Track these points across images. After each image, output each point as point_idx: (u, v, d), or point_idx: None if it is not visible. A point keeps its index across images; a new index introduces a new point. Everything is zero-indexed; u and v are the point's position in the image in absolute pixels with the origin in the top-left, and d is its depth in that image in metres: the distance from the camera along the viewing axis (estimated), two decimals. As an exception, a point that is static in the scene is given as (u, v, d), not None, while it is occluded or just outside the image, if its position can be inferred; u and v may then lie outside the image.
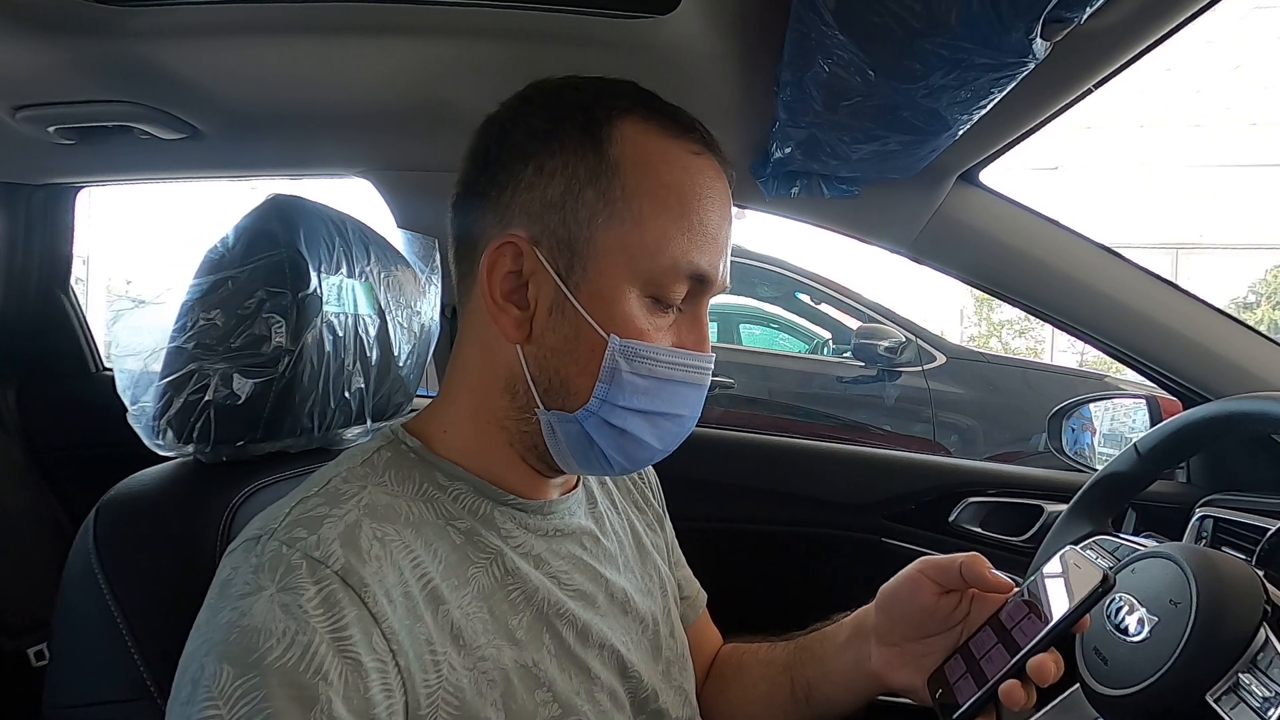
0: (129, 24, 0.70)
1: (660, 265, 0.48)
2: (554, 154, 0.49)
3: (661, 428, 0.51)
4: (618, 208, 0.48)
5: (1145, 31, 0.59)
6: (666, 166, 0.49)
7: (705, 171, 0.51)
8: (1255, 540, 0.75)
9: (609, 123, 0.49)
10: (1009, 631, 0.48)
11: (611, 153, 0.49)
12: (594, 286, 0.49)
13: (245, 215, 0.64)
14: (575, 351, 0.49)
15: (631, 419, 0.50)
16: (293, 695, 0.38)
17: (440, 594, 0.46)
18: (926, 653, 0.53)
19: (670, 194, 0.49)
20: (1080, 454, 1.16)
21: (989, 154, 0.86)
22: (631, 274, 0.48)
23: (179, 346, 0.61)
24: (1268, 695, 0.51)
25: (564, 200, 0.48)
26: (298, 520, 0.45)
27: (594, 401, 0.49)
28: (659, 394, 0.50)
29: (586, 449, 0.51)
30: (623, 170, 0.48)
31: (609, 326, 0.48)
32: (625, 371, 0.48)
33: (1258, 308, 7.14)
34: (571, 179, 0.49)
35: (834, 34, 0.56)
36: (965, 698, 0.47)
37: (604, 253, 0.48)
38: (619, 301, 0.48)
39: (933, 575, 0.53)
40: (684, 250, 0.49)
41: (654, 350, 0.49)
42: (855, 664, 0.58)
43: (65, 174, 1.22)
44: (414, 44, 0.75)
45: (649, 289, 0.49)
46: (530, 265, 0.49)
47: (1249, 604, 0.56)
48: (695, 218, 0.49)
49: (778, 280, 3.23)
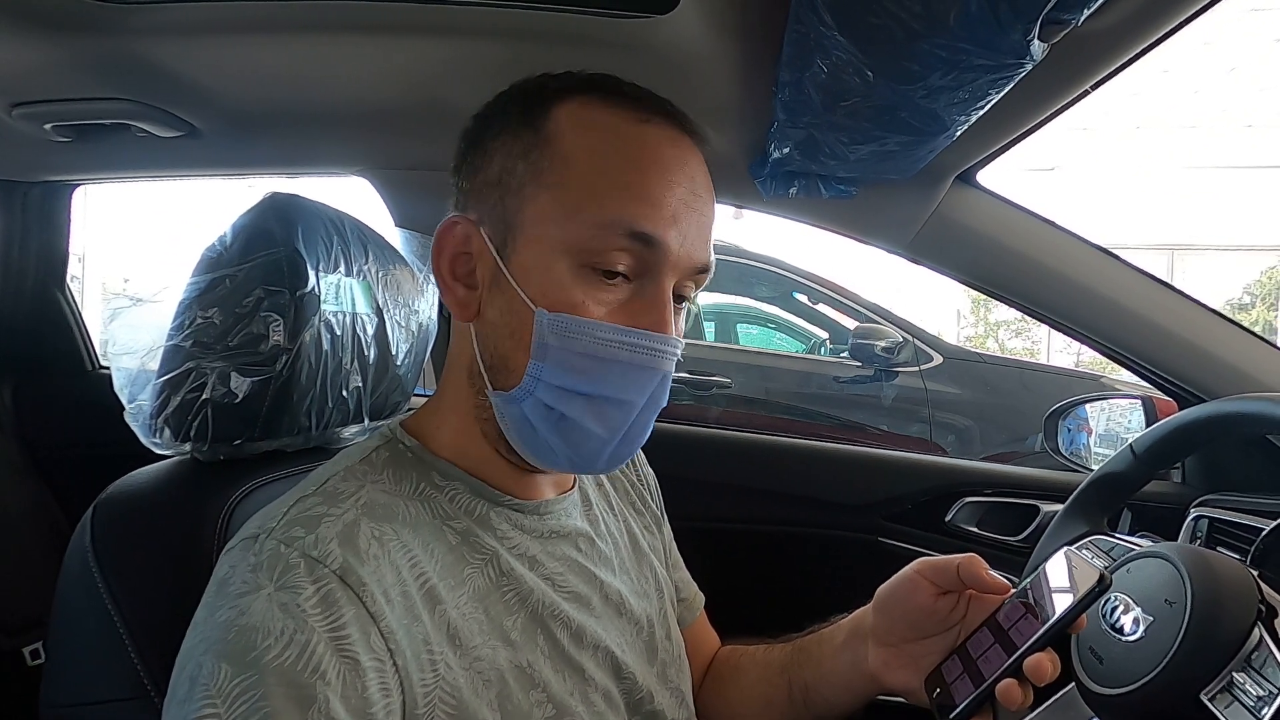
0: (127, 21, 0.70)
1: (589, 227, 0.46)
2: (495, 135, 0.50)
3: (605, 413, 0.48)
4: (546, 177, 0.48)
5: (1142, 33, 0.60)
6: (602, 134, 0.48)
7: (650, 136, 0.49)
8: (1250, 540, 0.75)
9: (549, 101, 0.50)
10: (1006, 632, 0.48)
11: (547, 128, 0.49)
12: (524, 259, 0.48)
13: (243, 214, 0.64)
14: (511, 326, 0.48)
15: (570, 401, 0.47)
16: (290, 694, 0.38)
17: (437, 594, 0.46)
18: (924, 654, 0.53)
19: (603, 157, 0.48)
20: (1076, 454, 1.16)
21: (986, 155, 0.87)
22: (561, 242, 0.47)
23: (176, 345, 0.61)
24: (1261, 694, 0.51)
25: (500, 176, 0.49)
26: (296, 519, 0.45)
27: (528, 380, 0.47)
28: (598, 375, 0.47)
29: (531, 435, 0.49)
30: (555, 141, 0.48)
31: (539, 300, 0.47)
32: (557, 348, 0.47)
33: (1253, 309, 7.17)
34: (507, 156, 0.49)
35: (833, 35, 0.56)
36: (962, 698, 0.47)
37: (533, 223, 0.48)
38: (548, 271, 0.47)
39: (930, 576, 0.53)
40: (618, 209, 0.46)
41: (588, 326, 0.46)
42: (852, 665, 0.58)
43: (62, 171, 1.22)
44: (412, 43, 0.75)
45: (583, 258, 0.47)
46: (478, 245, 0.50)
47: (1243, 603, 0.56)
48: (633, 178, 0.47)
49: (775, 280, 3.23)
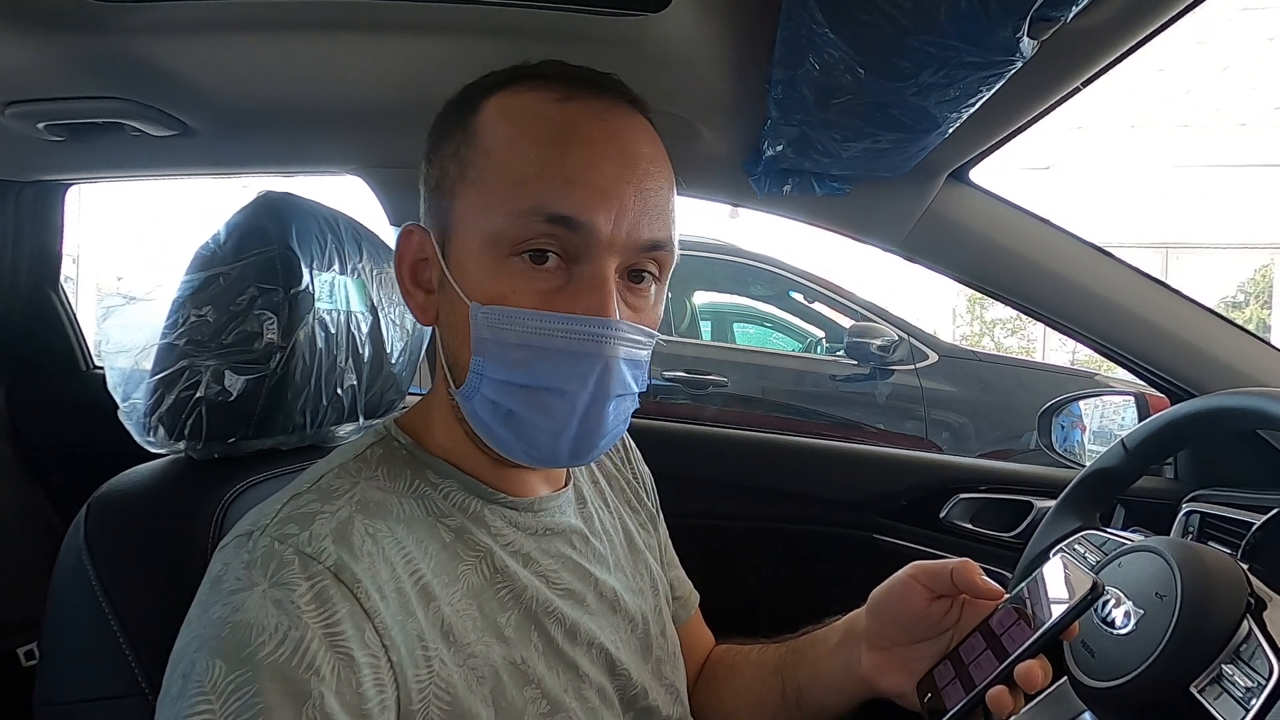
0: (120, 20, 0.70)
1: (507, 216, 0.45)
2: (436, 143, 0.51)
3: (547, 404, 0.47)
4: (469, 171, 0.48)
5: (1131, 30, 0.60)
6: (521, 120, 0.47)
7: (572, 114, 0.47)
8: (1241, 535, 0.76)
9: (479, 99, 0.50)
10: (998, 638, 0.48)
11: (474, 124, 0.49)
12: (458, 255, 0.48)
13: (236, 212, 0.64)
14: (455, 324, 0.49)
15: (513, 395, 0.47)
16: (285, 690, 0.38)
17: (431, 590, 0.46)
18: (917, 658, 0.53)
19: (521, 144, 0.47)
20: (1070, 451, 1.16)
21: (978, 152, 0.87)
22: (485, 233, 0.46)
23: (170, 343, 0.61)
24: (1250, 685, 0.51)
25: (439, 180, 0.50)
26: (290, 516, 0.45)
27: (473, 376, 0.48)
28: (535, 365, 0.46)
29: (489, 430, 0.49)
30: (479, 135, 0.48)
31: (473, 294, 0.47)
32: (493, 341, 0.46)
33: (1246, 307, 7.20)
34: (443, 159, 0.50)
35: (824, 32, 0.56)
36: (953, 703, 0.47)
37: (461, 218, 0.48)
38: (478, 264, 0.47)
39: (924, 580, 0.52)
40: (535, 194, 0.45)
41: (518, 315, 0.45)
42: (845, 667, 0.58)
43: (55, 171, 1.21)
44: (406, 41, 0.75)
45: (507, 247, 0.46)
46: (430, 249, 0.51)
47: (1232, 596, 0.57)
48: (550, 160, 0.46)
49: (771, 279, 3.24)
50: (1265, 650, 0.52)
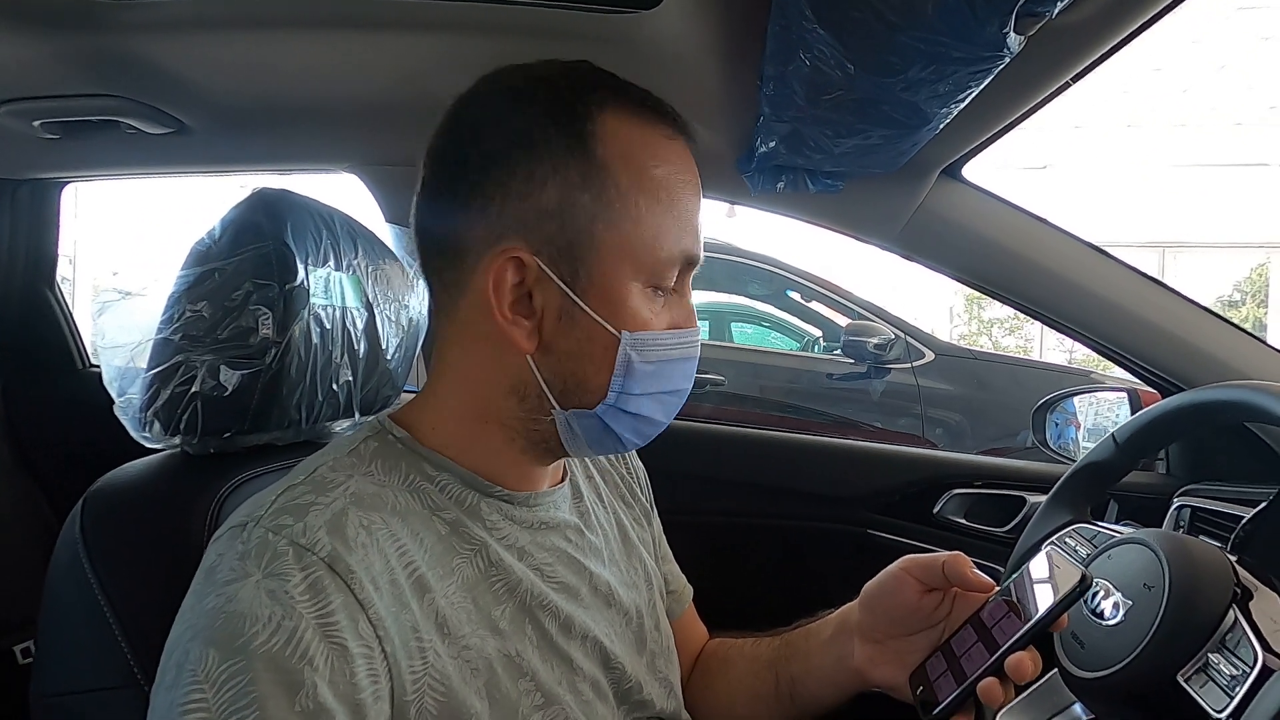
0: (115, 18, 0.70)
1: (659, 257, 0.50)
2: (541, 160, 0.48)
3: (667, 404, 0.54)
4: (615, 209, 0.49)
5: (1117, 26, 0.61)
6: (651, 158, 0.50)
7: (682, 157, 0.52)
8: (1230, 528, 0.77)
9: (590, 119, 0.49)
10: (989, 630, 0.49)
11: (598, 152, 0.49)
12: (600, 288, 0.49)
13: (232, 208, 0.64)
14: (589, 353, 0.50)
15: (644, 403, 0.52)
16: (278, 680, 0.38)
17: (426, 583, 0.47)
18: (909, 650, 0.54)
19: (659, 187, 0.50)
20: (1064, 448, 1.17)
21: (970, 148, 0.87)
22: (635, 270, 0.50)
23: (166, 338, 0.61)
24: (1235, 673, 0.52)
25: (560, 208, 0.48)
26: (284, 508, 0.45)
27: (611, 395, 0.51)
28: (664, 374, 0.52)
29: (603, 436, 0.53)
30: (612, 169, 0.49)
31: (619, 324, 0.49)
32: (637, 362, 0.50)
33: (1243, 306, 7.22)
34: (564, 185, 0.48)
35: (814, 28, 0.57)
36: (945, 695, 0.48)
37: (607, 253, 0.49)
38: (626, 299, 0.50)
39: (916, 574, 0.54)
40: (676, 239, 0.51)
41: (658, 337, 0.51)
42: (838, 660, 0.59)
43: (50, 169, 1.22)
44: (400, 38, 0.76)
45: (650, 280, 0.50)
46: (534, 275, 0.49)
47: (1219, 586, 0.57)
48: (680, 206, 0.51)
49: (769, 278, 3.25)
50: (1250, 639, 0.53)
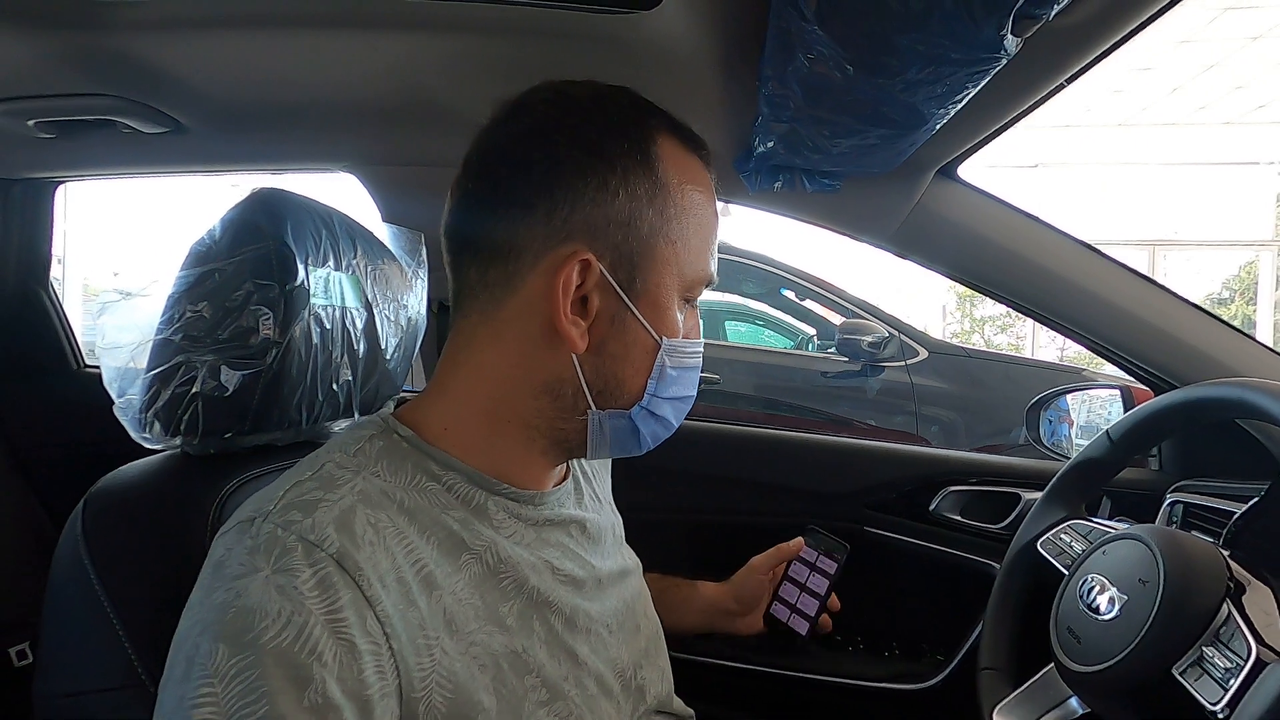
0: (111, 16, 0.70)
1: (697, 273, 0.55)
2: (614, 171, 0.51)
3: (680, 409, 0.58)
4: (672, 226, 0.53)
5: (1114, 27, 0.61)
6: (693, 182, 0.54)
7: (710, 182, 0.57)
8: (1222, 524, 0.78)
9: (653, 140, 0.53)
10: (804, 584, 0.85)
11: (660, 171, 0.52)
12: (651, 297, 0.53)
13: (231, 208, 0.64)
14: (633, 356, 0.53)
15: (667, 406, 0.56)
16: (288, 675, 0.39)
17: (434, 580, 0.47)
18: (758, 610, 0.86)
19: (700, 210, 0.54)
20: (1058, 445, 1.18)
21: (966, 149, 0.88)
22: (679, 283, 0.54)
23: (166, 339, 0.61)
24: (1229, 666, 0.53)
25: (630, 218, 0.51)
26: (293, 503, 0.45)
27: (645, 398, 0.54)
28: (684, 381, 0.56)
29: (628, 438, 0.56)
30: (670, 189, 0.53)
31: (661, 331, 0.53)
32: (669, 367, 0.54)
33: (1232, 303, 7.28)
34: (633, 198, 0.51)
35: (813, 29, 0.57)
36: (804, 628, 0.83)
37: (661, 265, 0.52)
38: (670, 308, 0.54)
39: (765, 569, 0.86)
40: (708, 258, 0.56)
41: (686, 345, 0.55)
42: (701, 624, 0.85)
43: (45, 168, 1.21)
44: (398, 38, 0.76)
45: (685, 294, 0.55)
46: (594, 279, 0.50)
47: (1213, 580, 0.58)
48: (710, 228, 0.56)
49: (763, 277, 3.26)
50: (1243, 632, 0.54)
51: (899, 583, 1.15)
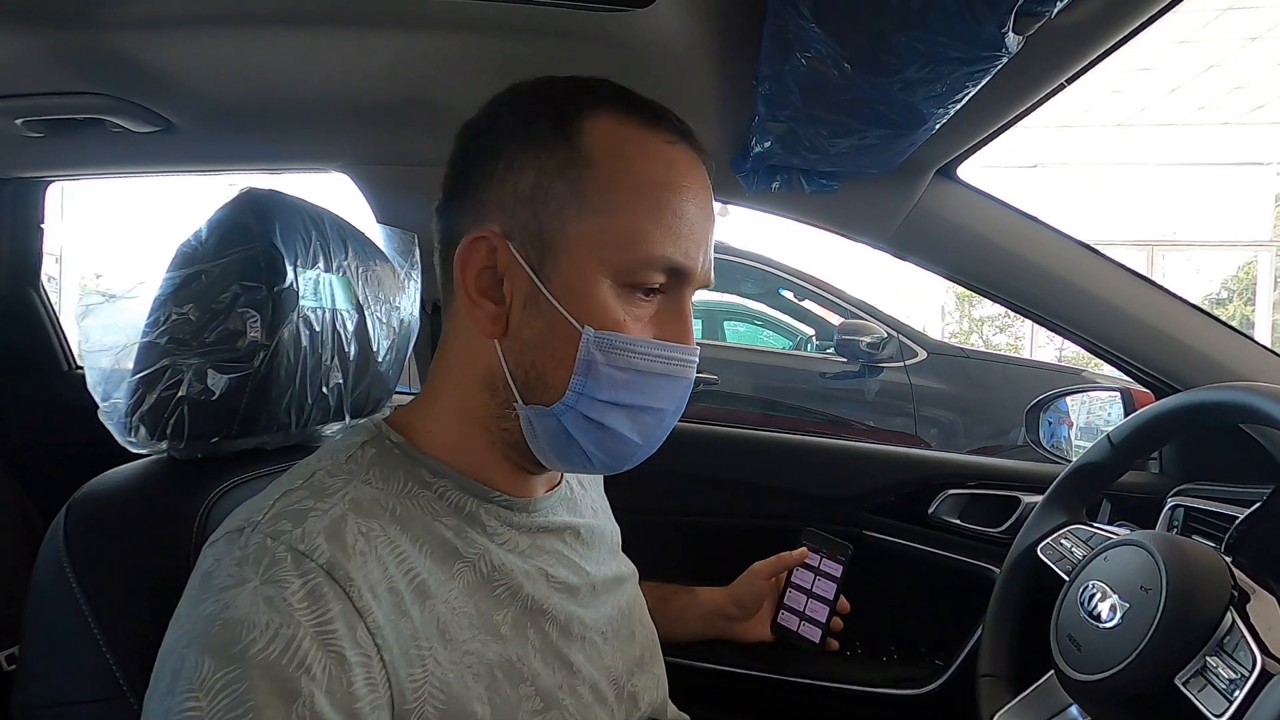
0: (100, 14, 0.69)
1: (634, 257, 0.48)
2: (524, 149, 0.49)
3: (641, 422, 0.51)
4: (589, 200, 0.48)
5: (1115, 26, 0.60)
6: (640, 157, 0.49)
7: (680, 161, 0.50)
8: (1224, 528, 0.77)
9: (580, 116, 0.49)
10: (810, 590, 0.84)
11: (583, 144, 0.48)
12: (566, 279, 0.48)
13: (219, 208, 0.63)
14: (550, 345, 0.49)
15: (610, 412, 0.49)
16: (275, 688, 0.38)
17: (427, 589, 0.46)
18: (761, 616, 0.86)
19: (644, 185, 0.48)
20: (1057, 447, 1.17)
21: (965, 149, 0.87)
22: (604, 265, 0.48)
23: (151, 342, 0.60)
24: (1234, 676, 0.52)
25: (534, 194, 0.48)
26: (282, 513, 0.44)
27: (570, 395, 0.49)
28: (637, 386, 0.49)
29: (565, 445, 0.51)
30: (594, 162, 0.48)
31: (583, 318, 0.48)
32: (601, 364, 0.48)
33: (1230, 303, 7.29)
34: (541, 172, 0.48)
35: (811, 27, 0.56)
36: (815, 635, 0.82)
37: (576, 244, 0.48)
38: (592, 293, 0.48)
39: (765, 574, 0.85)
40: (658, 243, 0.48)
41: (630, 341, 0.49)
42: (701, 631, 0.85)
43: (34, 167, 1.20)
44: (392, 37, 0.75)
45: (623, 279, 0.49)
46: (504, 260, 0.49)
47: (1216, 589, 0.57)
48: (669, 209, 0.49)
49: (762, 277, 3.25)
50: (1248, 642, 0.53)
51: (898, 587, 1.14)
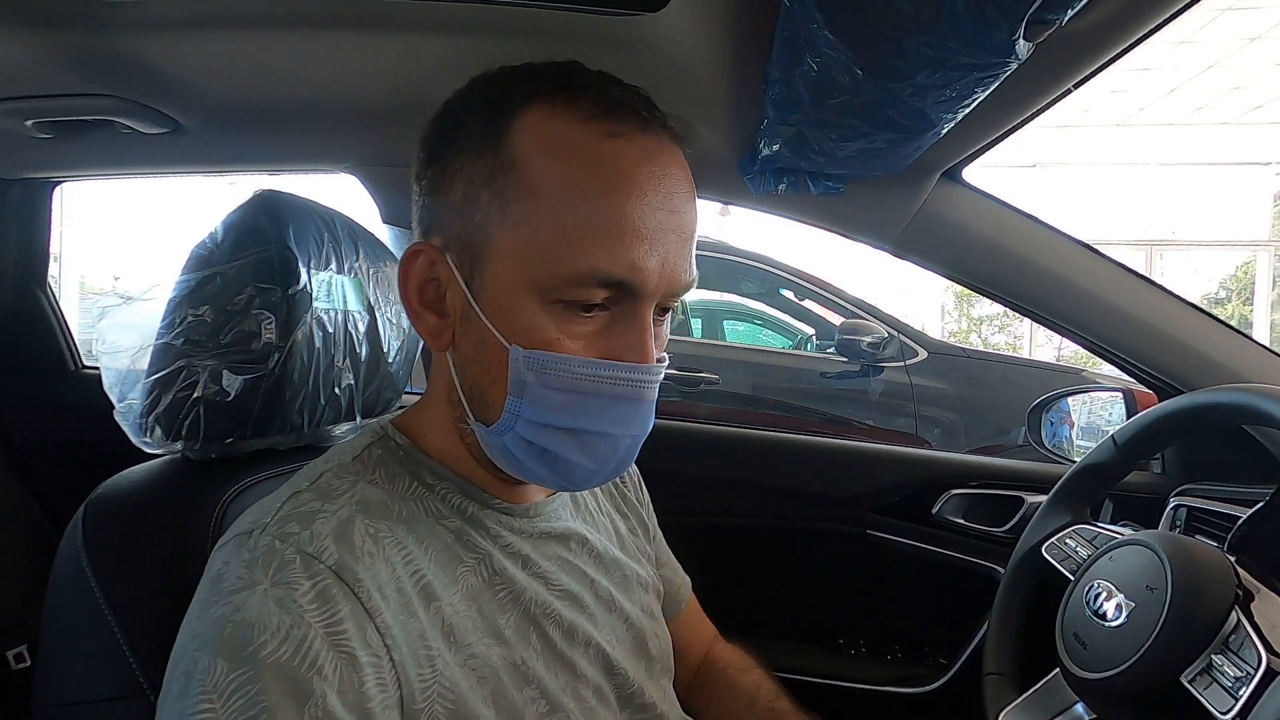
0: (110, 16, 0.69)
1: (556, 274, 0.43)
2: (457, 153, 0.46)
3: (591, 446, 0.47)
4: (511, 209, 0.44)
5: (1125, 32, 0.61)
6: (568, 157, 0.43)
7: (626, 157, 0.44)
8: (1227, 528, 0.77)
9: (512, 114, 0.45)
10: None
11: (509, 146, 0.44)
12: (493, 294, 0.45)
13: (233, 211, 0.64)
14: (486, 362, 0.47)
15: (553, 437, 0.46)
16: (287, 689, 0.38)
17: (433, 590, 0.46)
18: None
19: (570, 189, 0.43)
20: (1059, 447, 1.17)
21: (972, 152, 0.88)
22: (528, 281, 0.44)
23: (167, 343, 0.61)
24: (1239, 675, 0.52)
25: (463, 204, 0.46)
26: (290, 515, 0.45)
27: (507, 416, 0.46)
28: (581, 409, 0.45)
29: (518, 464, 0.48)
30: (519, 165, 0.44)
31: (511, 336, 0.45)
32: (534, 384, 0.45)
33: (1229, 303, 7.30)
34: (469, 181, 0.45)
35: (822, 32, 0.56)
36: None
37: (500, 258, 0.45)
38: (518, 310, 0.45)
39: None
40: (586, 255, 0.43)
41: (564, 361, 0.44)
42: None
43: (42, 168, 1.20)
44: (401, 39, 0.75)
45: (550, 296, 0.44)
46: (444, 272, 0.48)
47: (1221, 588, 0.58)
48: (609, 216, 0.43)
49: (762, 276, 3.25)
50: (1253, 640, 0.54)
51: (902, 586, 1.15)
